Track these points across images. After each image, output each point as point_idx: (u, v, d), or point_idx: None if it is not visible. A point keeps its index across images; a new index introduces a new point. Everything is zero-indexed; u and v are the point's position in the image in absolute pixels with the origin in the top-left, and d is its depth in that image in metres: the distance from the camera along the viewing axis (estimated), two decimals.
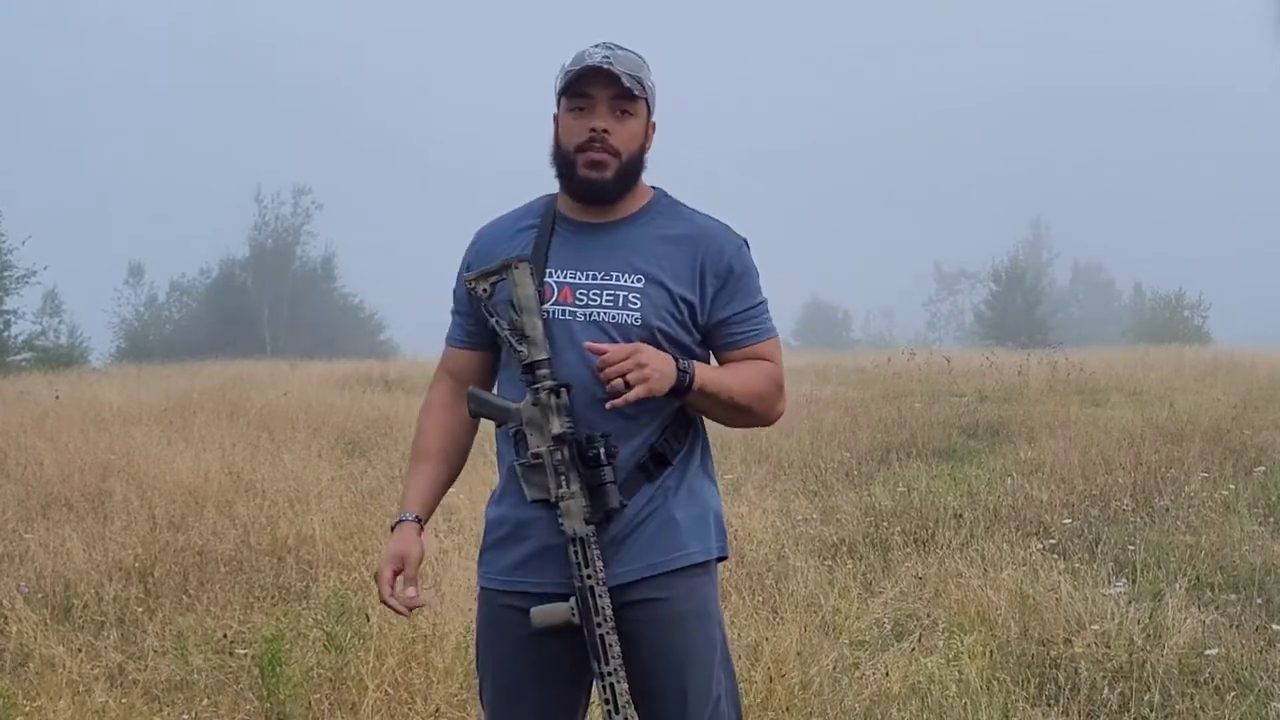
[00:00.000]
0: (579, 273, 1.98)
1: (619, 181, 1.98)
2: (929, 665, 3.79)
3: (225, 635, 4.27)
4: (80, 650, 4.09)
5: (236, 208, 72.06)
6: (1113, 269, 79.63)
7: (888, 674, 3.73)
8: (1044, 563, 4.92)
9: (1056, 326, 53.89)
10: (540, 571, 1.96)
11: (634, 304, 1.95)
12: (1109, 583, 4.69)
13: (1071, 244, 78.87)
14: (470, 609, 3.94)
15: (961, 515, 6.03)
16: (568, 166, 1.98)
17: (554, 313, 1.96)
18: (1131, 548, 5.31)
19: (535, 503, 1.92)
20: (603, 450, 1.87)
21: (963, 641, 4.00)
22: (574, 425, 1.90)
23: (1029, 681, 3.73)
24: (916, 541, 5.60)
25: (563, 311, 1.96)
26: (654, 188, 2.08)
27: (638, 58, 1.98)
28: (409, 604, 2.02)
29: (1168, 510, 6.23)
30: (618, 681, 1.87)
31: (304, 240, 59.95)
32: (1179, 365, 19.11)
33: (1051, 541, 5.51)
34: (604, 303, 1.95)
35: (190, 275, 59.91)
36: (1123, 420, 10.18)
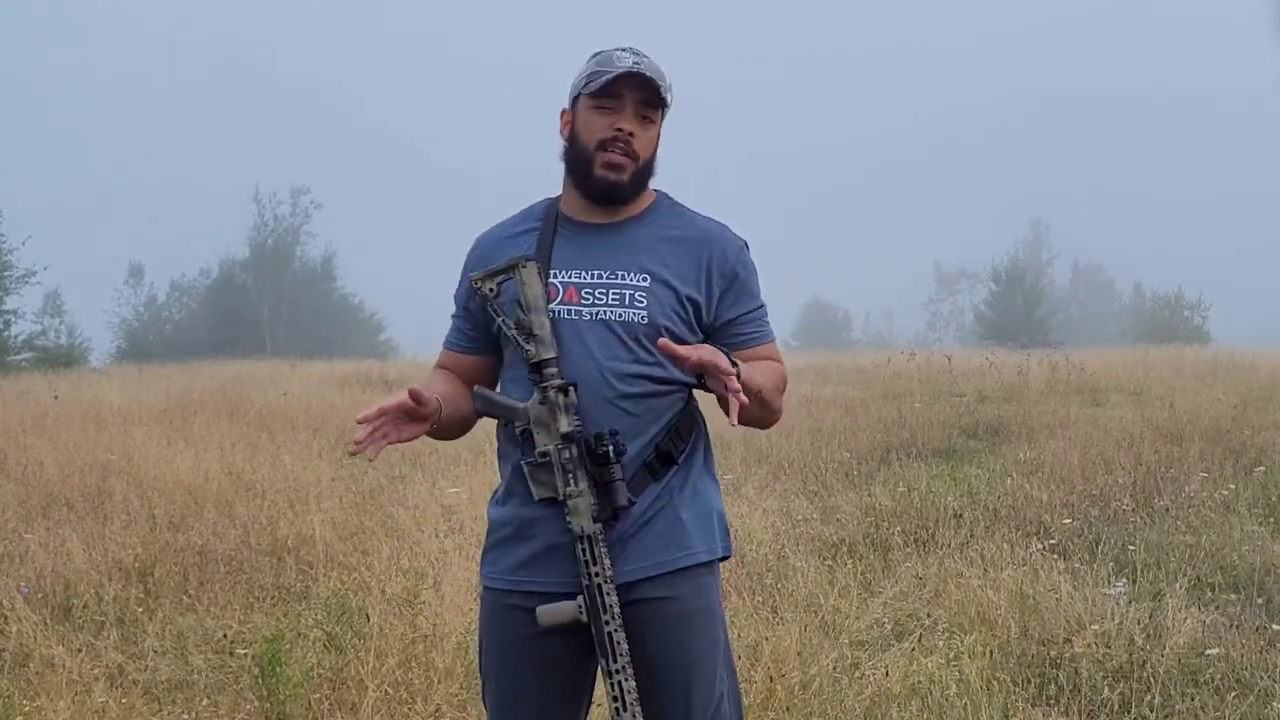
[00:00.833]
0: (584, 272, 1.98)
1: (634, 185, 1.99)
2: (929, 665, 3.79)
3: (225, 635, 4.27)
4: (80, 650, 4.09)
5: (236, 208, 72.11)
6: (1113, 269, 79.74)
7: (888, 674, 3.72)
8: (1044, 563, 4.92)
9: (1056, 326, 53.91)
10: (546, 570, 1.96)
11: (640, 302, 1.96)
12: (1109, 583, 4.69)
13: (1071, 244, 78.99)
14: (470, 609, 3.94)
15: (961, 515, 6.03)
16: (585, 163, 1.98)
17: (559, 312, 1.96)
18: (1131, 548, 5.31)
19: (542, 501, 1.92)
20: (611, 448, 1.87)
21: (963, 641, 4.00)
22: (582, 423, 1.90)
23: (1029, 681, 3.73)
24: (916, 541, 5.60)
25: (568, 311, 1.96)
26: (655, 190, 2.09)
27: (661, 67, 1.99)
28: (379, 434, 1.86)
29: (1168, 510, 6.23)
30: (626, 679, 1.87)
31: (304, 240, 60.08)
32: (1179, 365, 19.12)
33: (1051, 541, 5.50)
34: (610, 301, 1.96)
35: (190, 275, 60.07)
36: (1123, 420, 10.19)
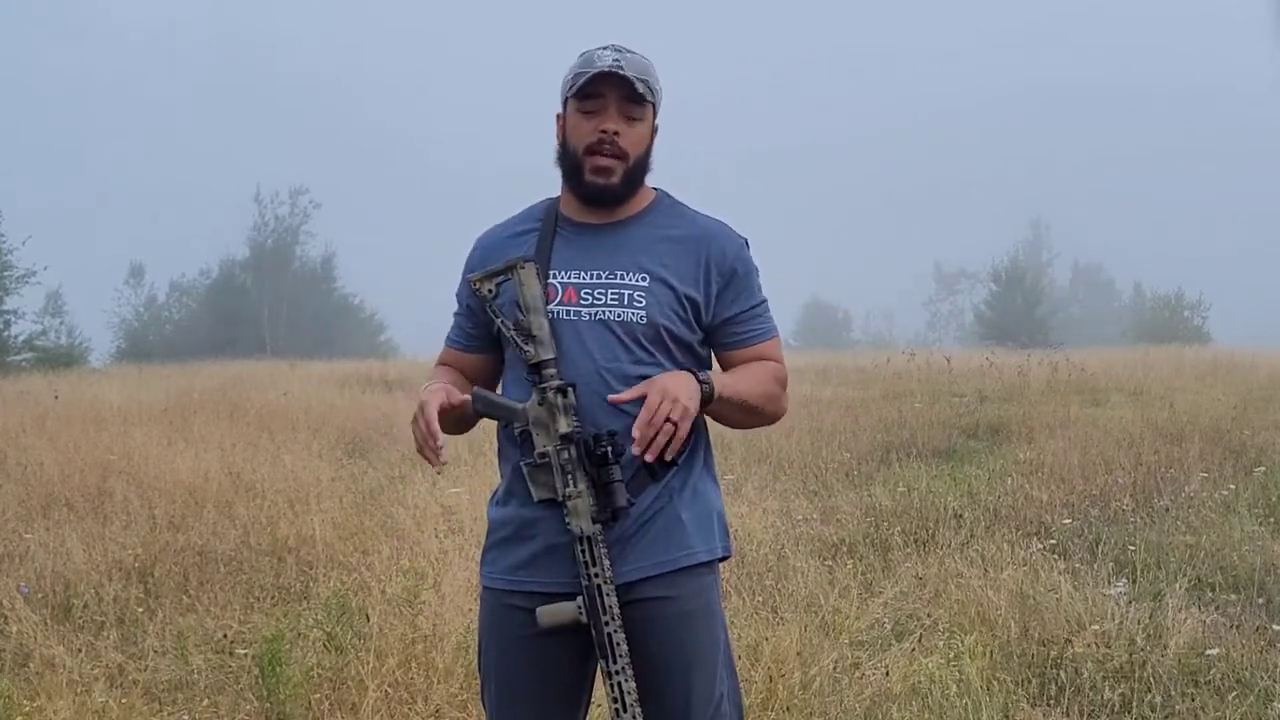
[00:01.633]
0: (583, 273, 1.98)
1: (625, 185, 1.99)
2: (929, 665, 3.79)
3: (225, 635, 4.27)
4: (80, 650, 4.09)
5: (236, 208, 71.99)
6: (1113, 269, 79.72)
7: (888, 674, 3.72)
8: (1044, 563, 4.92)
9: (1056, 326, 53.91)
10: (545, 571, 1.96)
11: (639, 302, 1.96)
12: (1109, 583, 4.69)
13: (1071, 244, 78.99)
14: (470, 609, 3.94)
15: (962, 515, 6.03)
16: (576, 169, 1.98)
17: (559, 313, 1.96)
18: (1132, 548, 5.31)
19: (541, 502, 1.92)
20: (610, 449, 1.87)
21: (963, 642, 4.00)
22: (581, 424, 1.90)
23: (1029, 682, 3.72)
24: (917, 542, 5.60)
25: (568, 312, 1.96)
26: (655, 189, 2.08)
27: (646, 61, 1.98)
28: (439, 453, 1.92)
29: (1168, 510, 6.23)
30: (625, 680, 1.87)
31: (303, 240, 60.13)
32: (1179, 365, 19.10)
33: (1051, 542, 5.50)
34: (609, 301, 1.96)
35: (190, 275, 60.16)
36: (1123, 420, 10.19)
